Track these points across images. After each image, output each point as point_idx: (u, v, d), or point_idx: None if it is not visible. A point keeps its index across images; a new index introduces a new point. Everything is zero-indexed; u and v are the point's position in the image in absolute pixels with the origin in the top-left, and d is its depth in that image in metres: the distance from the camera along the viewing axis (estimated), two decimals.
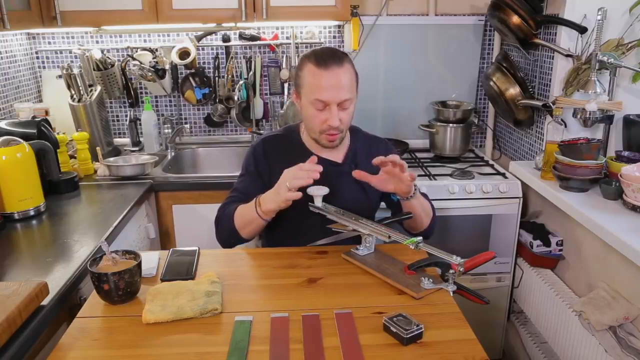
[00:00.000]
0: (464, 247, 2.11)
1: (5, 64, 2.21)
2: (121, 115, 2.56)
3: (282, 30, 2.47)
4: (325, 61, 1.37)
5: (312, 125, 1.44)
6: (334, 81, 1.37)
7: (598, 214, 1.56)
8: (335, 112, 1.39)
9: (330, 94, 1.37)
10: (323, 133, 1.43)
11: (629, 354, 1.45)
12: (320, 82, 1.37)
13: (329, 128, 1.41)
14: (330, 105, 1.38)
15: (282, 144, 1.55)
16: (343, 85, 1.38)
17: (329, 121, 1.39)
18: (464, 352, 0.98)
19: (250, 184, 1.52)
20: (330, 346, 1.00)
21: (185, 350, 0.99)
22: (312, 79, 1.38)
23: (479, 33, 2.48)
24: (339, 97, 1.38)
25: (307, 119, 1.45)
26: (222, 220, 1.48)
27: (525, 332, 2.10)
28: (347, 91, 1.39)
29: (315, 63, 1.38)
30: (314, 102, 1.39)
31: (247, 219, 1.40)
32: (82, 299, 1.27)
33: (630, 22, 1.80)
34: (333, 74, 1.36)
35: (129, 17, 2.07)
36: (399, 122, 2.57)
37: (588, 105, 1.77)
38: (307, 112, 1.43)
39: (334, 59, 1.38)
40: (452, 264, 1.13)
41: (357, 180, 1.49)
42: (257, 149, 1.55)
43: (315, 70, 1.38)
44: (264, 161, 1.53)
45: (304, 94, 1.42)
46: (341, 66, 1.38)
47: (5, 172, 1.55)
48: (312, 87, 1.38)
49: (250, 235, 1.45)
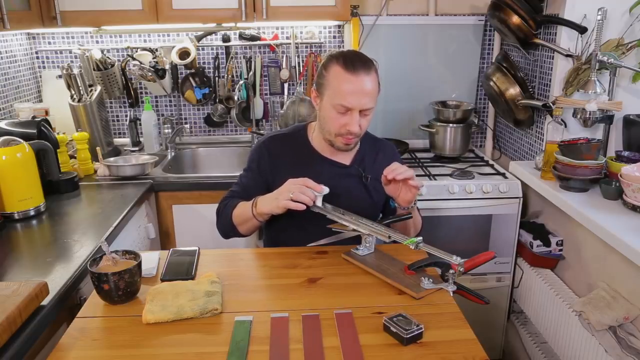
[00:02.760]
0: (464, 247, 2.11)
1: (5, 64, 2.21)
2: (121, 115, 2.56)
3: (282, 30, 2.47)
4: (355, 66, 1.34)
5: (329, 127, 1.42)
6: (359, 88, 1.34)
7: (598, 214, 1.56)
8: (356, 118, 1.37)
9: (355, 101, 1.34)
10: (340, 136, 1.41)
11: (629, 354, 1.45)
12: (346, 87, 1.34)
13: (348, 133, 1.39)
14: (353, 111, 1.36)
15: (288, 144, 1.54)
16: (368, 93, 1.35)
17: (348, 126, 1.37)
18: (464, 352, 0.98)
19: (251, 180, 1.53)
20: (330, 346, 1.00)
21: (185, 350, 0.99)
22: (338, 82, 1.35)
23: (479, 33, 2.48)
24: (362, 105, 1.35)
25: (326, 120, 1.42)
26: (222, 214, 1.51)
27: (525, 332, 2.10)
28: (371, 99, 1.37)
29: (344, 66, 1.35)
30: (336, 106, 1.36)
31: (244, 218, 1.43)
32: (82, 299, 1.27)
33: (630, 22, 1.80)
34: (360, 80, 1.34)
35: (129, 17, 2.07)
36: (399, 122, 2.57)
37: (588, 105, 1.77)
38: (327, 113, 1.40)
39: (362, 65, 1.35)
40: (452, 264, 1.13)
41: (363, 183, 1.50)
42: (262, 147, 1.54)
43: (342, 74, 1.34)
44: (268, 159, 1.52)
45: (326, 95, 1.39)
46: (369, 74, 1.36)
47: (5, 172, 1.55)
48: (337, 90, 1.35)
49: (248, 232, 1.48)
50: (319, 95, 1.43)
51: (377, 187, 1.49)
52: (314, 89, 1.45)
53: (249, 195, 1.45)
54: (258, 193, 1.43)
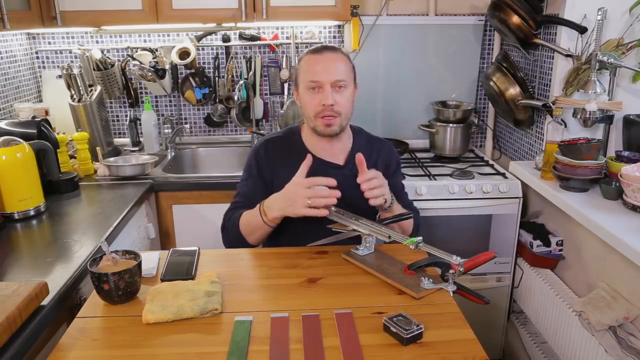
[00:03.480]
0: (464, 247, 2.11)
1: (5, 64, 2.21)
2: (121, 115, 2.56)
3: (282, 30, 2.47)
4: (320, 49, 1.46)
5: (308, 110, 1.46)
6: (327, 63, 1.42)
7: (598, 214, 1.56)
8: (328, 90, 1.41)
9: (323, 74, 1.41)
10: (318, 116, 1.44)
11: (629, 354, 1.45)
12: (314, 65, 1.43)
13: (324, 108, 1.42)
14: (324, 85, 1.41)
15: (283, 146, 1.55)
16: (336, 67, 1.43)
17: (323, 100, 1.41)
18: (464, 352, 0.98)
19: (253, 187, 1.52)
20: (330, 346, 1.00)
21: (185, 350, 0.99)
22: (308, 65, 1.44)
23: (479, 33, 2.48)
24: (331, 76, 1.41)
25: (304, 105, 1.47)
26: (229, 228, 1.49)
27: (525, 332, 2.10)
28: (340, 73, 1.43)
29: (311, 52, 1.46)
30: (308, 85, 1.43)
31: (253, 226, 1.42)
32: (82, 299, 1.27)
33: (630, 22, 1.80)
34: (326, 57, 1.43)
35: (129, 17, 2.06)
36: (399, 122, 2.57)
37: (588, 105, 1.77)
38: (304, 98, 1.46)
39: (329, 48, 1.47)
40: (452, 264, 1.13)
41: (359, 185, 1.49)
42: (259, 151, 1.55)
43: (310, 57, 1.45)
44: (265, 163, 1.52)
45: (301, 82, 1.46)
46: (335, 52, 1.45)
47: (5, 172, 1.55)
48: (307, 72, 1.44)
49: (258, 242, 1.47)
50: (297, 89, 1.51)
51: None
52: (294, 89, 1.53)
53: (253, 204, 1.44)
54: (262, 198, 1.42)
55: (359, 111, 2.52)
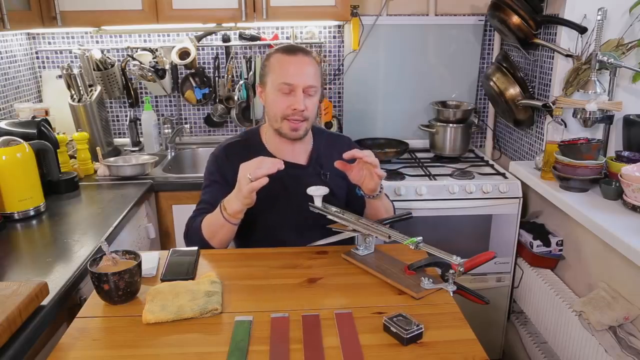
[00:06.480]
0: (464, 247, 2.11)
1: (5, 64, 2.21)
2: (121, 115, 2.56)
3: (282, 30, 2.47)
4: (294, 50, 1.43)
5: (275, 111, 1.43)
6: (300, 66, 1.40)
7: (598, 214, 1.56)
8: (301, 96, 1.40)
9: (297, 77, 1.39)
10: (286, 119, 1.42)
11: (629, 354, 1.45)
12: (287, 66, 1.40)
13: (294, 112, 1.41)
14: (296, 89, 1.40)
15: (243, 148, 1.51)
16: (309, 72, 1.41)
17: (294, 105, 1.40)
18: (464, 352, 0.98)
19: (216, 192, 1.47)
20: (330, 346, 1.00)
21: (185, 350, 0.99)
22: (280, 64, 1.42)
23: (479, 33, 2.48)
24: (305, 81, 1.40)
25: (271, 105, 1.44)
26: (191, 234, 1.45)
27: (525, 332, 2.10)
28: (312, 78, 1.42)
29: (283, 51, 1.43)
30: (280, 87, 1.40)
31: (216, 227, 1.38)
32: (82, 299, 1.27)
33: (630, 22, 1.80)
34: (300, 60, 1.41)
35: (129, 17, 2.06)
36: (399, 122, 2.57)
37: (588, 105, 1.77)
38: (272, 98, 1.43)
39: (302, 49, 1.45)
40: (452, 264, 1.13)
41: (323, 181, 1.48)
42: (219, 156, 1.53)
43: (283, 57, 1.42)
44: (227, 166, 1.47)
45: (269, 82, 1.44)
46: (308, 55, 1.43)
47: (5, 172, 1.55)
48: (279, 72, 1.41)
49: (222, 244, 1.42)
50: (263, 87, 1.48)
51: (337, 182, 1.51)
52: (258, 84, 1.51)
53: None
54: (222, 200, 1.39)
55: (359, 111, 2.55)
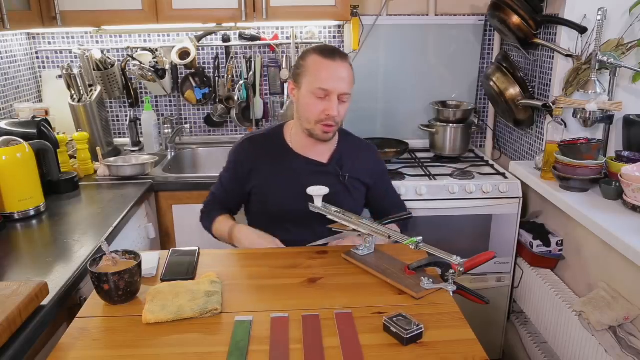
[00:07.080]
0: (464, 247, 2.11)
1: (5, 64, 2.21)
2: (121, 115, 2.56)
3: (282, 30, 2.47)
4: (332, 54, 1.42)
5: (309, 115, 1.45)
6: (338, 72, 1.41)
7: (598, 214, 1.56)
8: (335, 102, 1.41)
9: (334, 84, 1.40)
10: (319, 123, 1.44)
11: (629, 354, 1.45)
12: (325, 71, 1.40)
13: (327, 118, 1.42)
14: (331, 95, 1.40)
15: (266, 144, 1.57)
16: (345, 78, 1.42)
17: (328, 110, 1.41)
18: (464, 352, 0.98)
19: (229, 182, 1.61)
20: (330, 346, 1.00)
21: (185, 350, 0.99)
22: (317, 68, 1.41)
23: (479, 33, 2.48)
24: (341, 89, 1.41)
25: (305, 108, 1.46)
26: (205, 220, 1.66)
27: (525, 332, 2.10)
28: (348, 85, 1.43)
29: (321, 54, 1.42)
30: (315, 91, 1.41)
31: (222, 236, 1.58)
32: (82, 299, 1.27)
33: (630, 22, 1.80)
34: (337, 65, 1.41)
35: (129, 17, 2.06)
36: (399, 122, 2.57)
37: (588, 105, 1.77)
38: (306, 100, 1.44)
39: (339, 53, 1.44)
40: (452, 264, 1.13)
41: (341, 182, 1.50)
42: (240, 150, 1.59)
43: (321, 60, 1.41)
44: (246, 162, 1.56)
45: (304, 83, 1.44)
46: (345, 61, 1.44)
47: (5, 172, 1.55)
48: (316, 76, 1.41)
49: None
50: (296, 85, 1.47)
51: (356, 185, 1.55)
52: (291, 81, 1.50)
53: (228, 199, 1.63)
54: (236, 197, 1.61)
55: (359, 111, 2.55)
